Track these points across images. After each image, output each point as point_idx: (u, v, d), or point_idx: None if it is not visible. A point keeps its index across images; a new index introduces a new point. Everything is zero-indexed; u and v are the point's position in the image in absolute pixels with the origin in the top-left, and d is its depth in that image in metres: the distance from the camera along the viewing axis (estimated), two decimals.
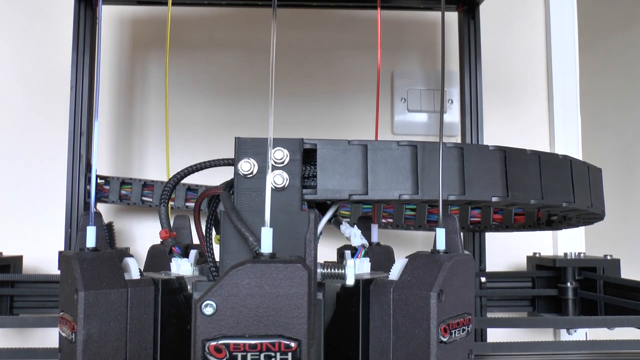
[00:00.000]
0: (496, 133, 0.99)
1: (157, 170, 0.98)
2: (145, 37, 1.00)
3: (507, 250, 0.99)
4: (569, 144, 1.01)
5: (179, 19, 0.99)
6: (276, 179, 0.41)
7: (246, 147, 0.41)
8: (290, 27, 1.00)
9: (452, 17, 0.94)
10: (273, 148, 0.41)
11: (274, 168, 0.41)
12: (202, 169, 0.47)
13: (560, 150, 1.00)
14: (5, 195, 0.96)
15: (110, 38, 0.99)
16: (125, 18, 0.99)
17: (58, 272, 0.73)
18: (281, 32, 0.96)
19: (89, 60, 0.86)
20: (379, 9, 0.74)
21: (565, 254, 0.88)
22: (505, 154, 0.45)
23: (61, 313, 0.41)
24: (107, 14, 0.99)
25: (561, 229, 0.80)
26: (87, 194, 0.85)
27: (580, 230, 1.01)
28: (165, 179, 0.87)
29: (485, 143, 0.89)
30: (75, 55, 0.86)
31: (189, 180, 0.84)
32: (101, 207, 0.93)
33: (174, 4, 0.76)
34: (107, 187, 0.88)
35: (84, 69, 0.86)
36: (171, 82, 0.98)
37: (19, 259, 0.87)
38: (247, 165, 0.41)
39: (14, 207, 0.96)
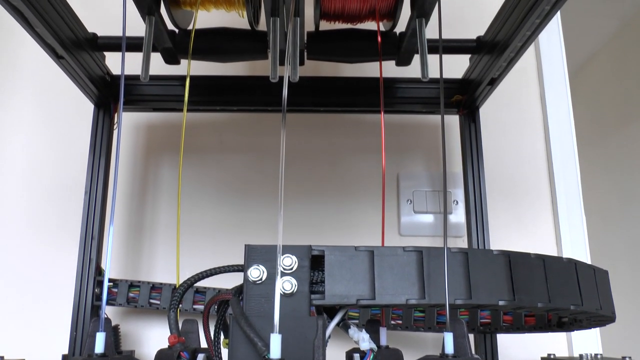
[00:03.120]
0: (502, 233, 1.00)
1: (165, 273, 0.98)
2: (159, 142, 1.04)
3: (521, 352, 0.97)
4: (576, 242, 1.01)
5: (191, 124, 1.03)
6: (285, 285, 0.42)
7: (256, 254, 0.43)
8: (298, 131, 1.03)
9: (454, 120, 0.98)
10: (282, 255, 0.42)
11: (282, 274, 0.42)
12: (212, 275, 0.47)
13: (567, 248, 1.01)
14: (11, 297, 0.96)
15: (125, 142, 1.03)
16: (140, 124, 1.04)
17: None
18: (289, 136, 1.00)
19: (104, 165, 0.89)
20: (382, 114, 0.77)
21: (581, 356, 0.86)
22: (510, 258, 0.46)
23: None
24: (124, 120, 1.03)
25: (573, 331, 0.79)
26: (95, 297, 0.85)
27: (595, 331, 0.99)
28: (174, 282, 0.88)
29: (491, 242, 0.90)
30: (91, 159, 0.89)
31: (198, 283, 0.85)
32: (108, 310, 0.93)
33: (187, 110, 0.80)
34: (115, 289, 0.88)
35: (99, 173, 0.88)
36: (182, 185, 1.01)
37: None
38: (257, 272, 0.42)
39: (19, 309, 0.96)
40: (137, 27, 0.72)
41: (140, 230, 1.00)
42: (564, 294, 0.49)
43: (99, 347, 0.42)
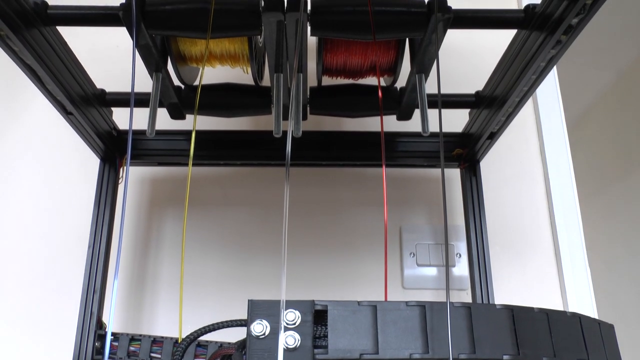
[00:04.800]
0: (506, 286, 0.99)
1: (167, 326, 0.97)
2: (162, 195, 1.04)
3: None
4: (581, 293, 1.00)
5: (195, 178, 1.05)
6: (288, 339, 0.42)
7: (259, 309, 0.43)
8: (300, 185, 1.04)
9: (455, 174, 0.99)
10: (285, 310, 0.42)
11: (286, 329, 0.42)
12: (215, 329, 0.47)
13: (572, 300, 1.00)
14: (10, 350, 0.95)
15: (129, 196, 1.04)
16: (145, 178, 1.05)
17: None
18: (292, 189, 1.01)
19: (108, 219, 0.89)
20: (383, 167, 0.78)
21: None
22: (513, 312, 0.46)
23: None
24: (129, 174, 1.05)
25: None
26: (96, 351, 0.84)
27: None
28: (175, 335, 0.87)
29: (495, 295, 0.89)
30: (95, 213, 0.90)
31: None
32: None
33: (192, 164, 0.81)
34: (115, 343, 0.87)
35: (103, 226, 0.89)
36: (185, 238, 1.01)
37: None
38: (260, 327, 0.42)
39: None
40: (144, 82, 0.74)
41: (142, 283, 1.00)
42: (569, 349, 0.48)
43: None
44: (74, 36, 0.77)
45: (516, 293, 1.00)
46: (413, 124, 0.85)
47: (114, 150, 0.91)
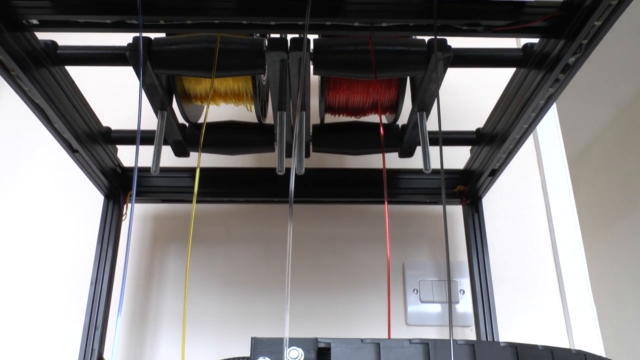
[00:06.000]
0: (510, 322, 0.98)
1: None
2: (165, 232, 1.05)
3: None
4: (587, 330, 0.99)
5: (198, 214, 1.05)
6: None
7: (262, 346, 0.43)
8: (303, 222, 1.04)
9: (457, 210, 0.99)
10: (288, 347, 0.42)
11: None
12: None
13: (578, 337, 0.98)
14: None
15: (132, 233, 1.04)
16: (148, 215, 1.05)
17: None
18: (295, 226, 1.01)
19: (111, 255, 0.89)
20: (386, 204, 0.78)
21: None
22: (517, 350, 0.45)
23: None
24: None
25: None
26: None
27: None
28: None
29: (500, 332, 0.89)
30: (99, 249, 0.90)
31: None
32: None
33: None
34: None
35: (106, 263, 0.89)
36: (189, 275, 1.01)
37: None
38: None
39: None
40: (149, 120, 0.75)
41: (144, 320, 0.99)
42: None
43: None
44: (80, 74, 0.79)
45: (521, 329, 0.99)
46: (415, 161, 0.85)
47: (118, 187, 0.91)
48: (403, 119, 0.81)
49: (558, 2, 0.61)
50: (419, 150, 0.78)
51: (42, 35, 0.66)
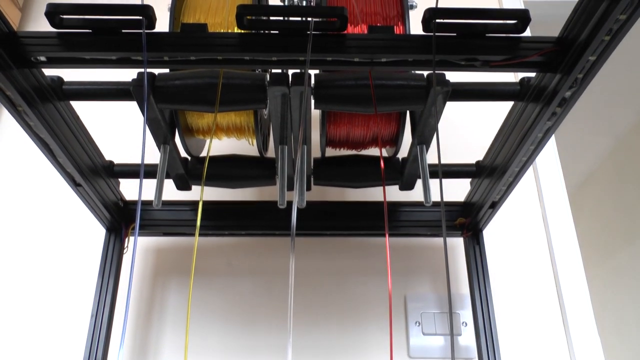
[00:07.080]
0: (514, 354, 0.98)
1: None
2: (166, 265, 1.05)
3: None
4: None
5: (200, 247, 1.05)
6: None
7: None
8: (304, 255, 1.05)
9: (458, 242, 0.99)
10: None
11: None
12: None
13: None
14: None
15: (134, 266, 1.04)
16: (149, 248, 1.05)
17: None
18: (297, 259, 1.00)
19: (112, 289, 0.89)
20: (387, 237, 0.78)
21: None
22: None
23: None
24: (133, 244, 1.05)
25: None
26: None
27: None
28: None
29: None
30: (100, 283, 0.90)
31: None
32: None
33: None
34: None
35: (107, 296, 0.89)
36: (190, 308, 1.00)
37: None
38: None
39: None
40: (151, 154, 0.75)
41: (144, 353, 0.98)
42: None
43: None
44: (84, 108, 0.80)
45: None
46: (415, 194, 0.86)
47: (120, 220, 0.92)
48: (403, 152, 0.82)
49: (553, 38, 0.62)
50: (419, 183, 0.78)
51: (48, 71, 0.68)
